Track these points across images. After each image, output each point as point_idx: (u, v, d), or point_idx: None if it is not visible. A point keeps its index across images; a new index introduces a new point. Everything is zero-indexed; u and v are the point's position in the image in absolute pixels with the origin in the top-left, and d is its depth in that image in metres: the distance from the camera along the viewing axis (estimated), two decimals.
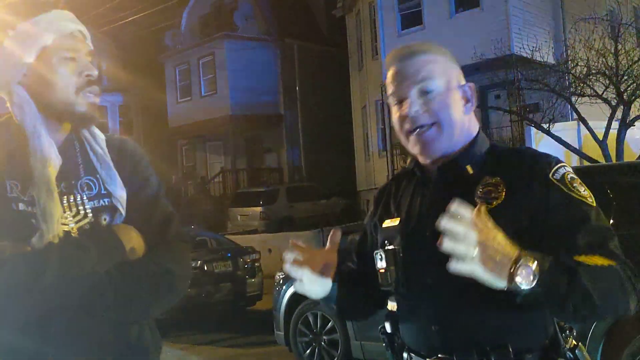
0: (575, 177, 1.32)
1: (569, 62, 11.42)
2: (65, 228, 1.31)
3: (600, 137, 10.43)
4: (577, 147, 11.11)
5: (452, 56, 1.45)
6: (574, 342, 1.33)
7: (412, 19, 14.84)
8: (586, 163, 10.10)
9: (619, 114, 10.51)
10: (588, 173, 5.01)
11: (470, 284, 1.22)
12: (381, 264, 1.40)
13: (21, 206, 1.29)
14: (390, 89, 1.43)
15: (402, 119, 1.40)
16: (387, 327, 1.48)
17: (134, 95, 24.56)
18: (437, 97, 1.37)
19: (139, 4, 18.46)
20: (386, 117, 15.61)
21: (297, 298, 5.77)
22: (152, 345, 1.44)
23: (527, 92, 11.82)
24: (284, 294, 5.86)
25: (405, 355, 1.41)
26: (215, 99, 20.63)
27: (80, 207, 1.35)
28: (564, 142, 10.76)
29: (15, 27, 1.32)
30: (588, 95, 10.73)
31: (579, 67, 10.97)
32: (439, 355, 1.32)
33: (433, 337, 1.34)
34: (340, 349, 5.43)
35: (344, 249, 1.59)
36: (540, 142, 11.79)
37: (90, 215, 1.36)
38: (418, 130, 1.38)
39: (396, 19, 15.07)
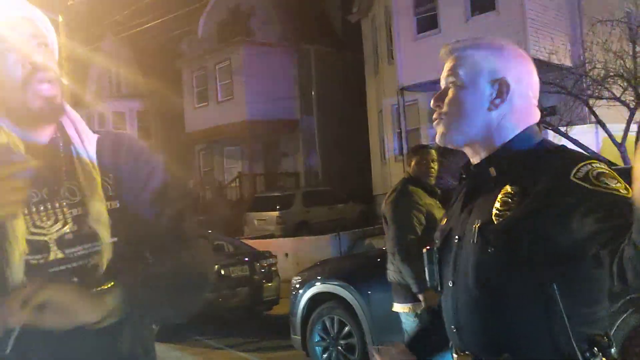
0: (605, 171, 1.20)
1: (587, 64, 11.32)
2: (44, 238, 1.19)
3: (619, 140, 10.32)
4: (596, 150, 11.00)
5: (510, 49, 1.40)
6: (604, 359, 1.23)
7: (428, 22, 14.81)
8: None
9: (637, 116, 10.39)
10: None
11: (481, 289, 1.30)
12: (424, 262, 1.48)
13: None
14: None
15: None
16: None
17: (151, 101, 24.79)
18: (453, 91, 1.39)
19: (157, 11, 18.66)
20: (402, 122, 15.59)
21: (313, 302, 5.78)
22: (143, 356, 1.35)
23: (544, 95, 11.72)
24: (301, 299, 5.87)
25: (450, 349, 1.47)
26: (232, 104, 20.75)
27: (60, 215, 1.22)
28: (582, 145, 10.65)
29: None
30: (606, 98, 10.62)
31: (596, 69, 10.87)
32: (462, 353, 1.38)
33: (454, 336, 1.40)
34: (357, 354, 5.43)
35: (361, 253, 1.66)
36: None
37: (70, 222, 1.22)
38: (436, 120, 1.42)
39: (412, 23, 15.06)
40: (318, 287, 5.77)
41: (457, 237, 1.38)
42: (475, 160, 1.41)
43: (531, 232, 1.22)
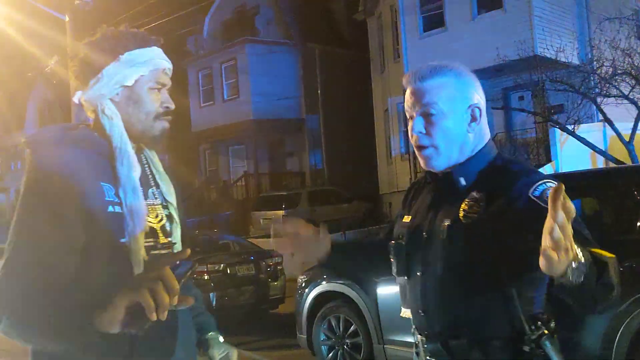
0: None
1: (594, 62, 11.26)
2: (153, 225, 1.51)
3: (627, 138, 10.26)
4: (603, 149, 10.94)
5: (468, 74, 1.60)
6: (546, 331, 1.47)
7: (434, 21, 14.76)
8: (612, 165, 9.94)
9: None
10: (615, 175, 4.92)
11: (449, 277, 1.53)
12: (392, 255, 1.68)
13: (117, 208, 1.43)
14: (405, 106, 1.64)
15: (410, 135, 1.62)
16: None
17: None
18: (438, 122, 1.56)
19: (162, 10, 18.69)
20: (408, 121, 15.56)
21: (319, 301, 5.77)
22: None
23: (551, 93, 11.68)
24: (307, 297, 5.86)
25: (412, 331, 1.70)
26: (237, 103, 20.75)
27: (158, 211, 1.56)
28: (590, 143, 10.61)
29: (123, 54, 1.52)
30: (614, 96, 10.57)
31: (604, 67, 10.81)
32: (425, 332, 1.60)
33: (421, 319, 1.62)
34: (363, 353, 5.42)
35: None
36: (565, 144, 11.64)
37: (165, 219, 1.56)
38: (420, 148, 1.59)
39: (418, 22, 15.02)
40: (324, 286, 5.76)
41: (424, 233, 1.60)
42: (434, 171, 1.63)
43: (492, 232, 1.45)
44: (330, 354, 5.70)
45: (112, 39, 1.54)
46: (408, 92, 1.61)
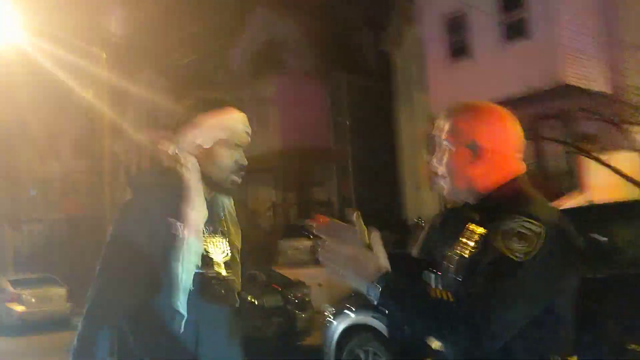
0: (523, 231, 1.41)
1: (624, 90, 11.12)
2: (213, 259, 1.81)
3: None
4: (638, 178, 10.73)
5: (481, 112, 1.64)
6: None
7: (460, 50, 14.79)
8: None
9: None
10: None
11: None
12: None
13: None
14: None
15: None
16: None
17: None
18: (446, 156, 1.66)
19: (193, 45, 19.15)
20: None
21: (348, 334, 5.71)
22: None
23: (581, 122, 11.53)
24: (335, 330, 5.81)
25: None
26: (266, 134, 20.96)
27: (224, 247, 1.86)
28: (621, 172, 10.42)
29: (204, 120, 1.85)
30: None
31: (635, 95, 10.68)
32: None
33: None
34: None
35: None
36: (596, 173, 11.45)
37: (228, 254, 1.86)
38: (435, 175, 1.72)
39: (443, 51, 15.05)
40: (352, 319, 5.70)
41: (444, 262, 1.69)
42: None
43: (475, 271, 1.44)
44: None
45: (192, 106, 1.90)
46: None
